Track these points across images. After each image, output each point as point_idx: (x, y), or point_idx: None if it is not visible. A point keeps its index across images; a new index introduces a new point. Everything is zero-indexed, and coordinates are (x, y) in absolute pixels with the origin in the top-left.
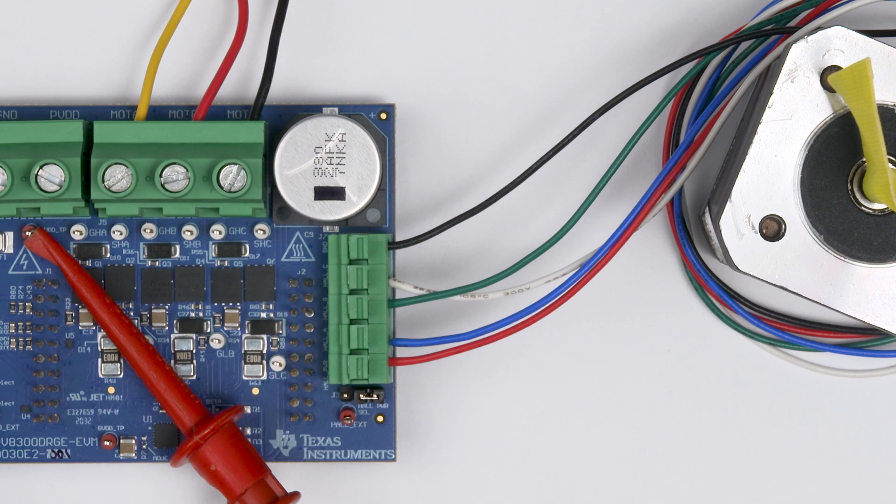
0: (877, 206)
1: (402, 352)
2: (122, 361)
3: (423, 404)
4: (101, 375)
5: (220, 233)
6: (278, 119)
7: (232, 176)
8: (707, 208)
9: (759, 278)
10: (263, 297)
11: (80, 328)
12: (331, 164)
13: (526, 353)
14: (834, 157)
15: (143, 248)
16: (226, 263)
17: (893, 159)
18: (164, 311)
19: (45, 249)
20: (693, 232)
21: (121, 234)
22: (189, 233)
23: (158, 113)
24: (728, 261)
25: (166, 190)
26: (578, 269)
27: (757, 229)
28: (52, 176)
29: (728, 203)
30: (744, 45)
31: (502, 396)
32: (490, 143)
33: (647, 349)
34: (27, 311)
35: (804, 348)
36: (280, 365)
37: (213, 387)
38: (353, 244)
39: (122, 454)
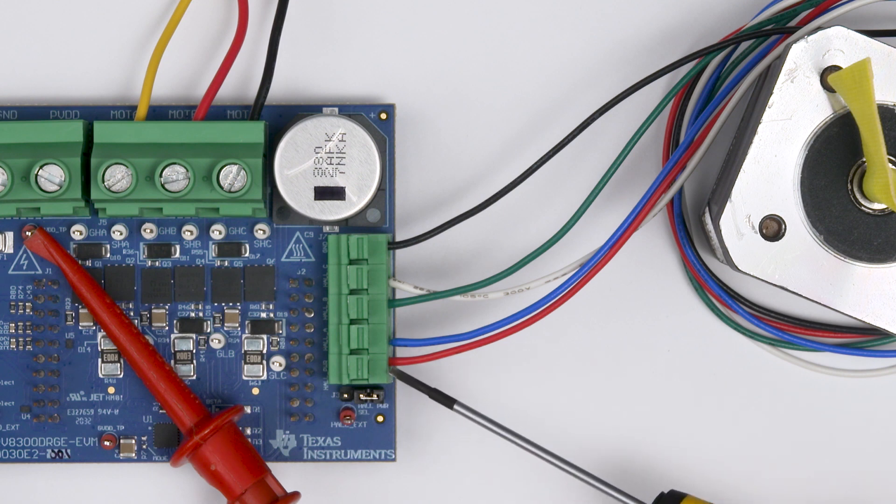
0: (877, 206)
1: (402, 352)
2: (122, 361)
3: (423, 404)
4: (101, 375)
5: (220, 233)
6: (278, 119)
7: (232, 176)
8: (707, 208)
9: (759, 278)
10: (263, 297)
11: (80, 328)
12: (331, 164)
13: (526, 353)
14: (834, 157)
15: (143, 248)
16: (226, 263)
17: (893, 159)
18: (164, 311)
19: (45, 249)
20: (693, 232)
21: (121, 234)
22: (189, 233)
23: (158, 113)
24: (728, 261)
25: (166, 190)
26: (578, 269)
27: (757, 229)
28: (52, 176)
29: (728, 203)
30: (744, 45)
31: (502, 396)
32: (490, 143)
33: (647, 349)
34: (27, 311)
35: (804, 348)
36: (280, 365)
37: (213, 387)
38: (353, 244)
39: (122, 454)
